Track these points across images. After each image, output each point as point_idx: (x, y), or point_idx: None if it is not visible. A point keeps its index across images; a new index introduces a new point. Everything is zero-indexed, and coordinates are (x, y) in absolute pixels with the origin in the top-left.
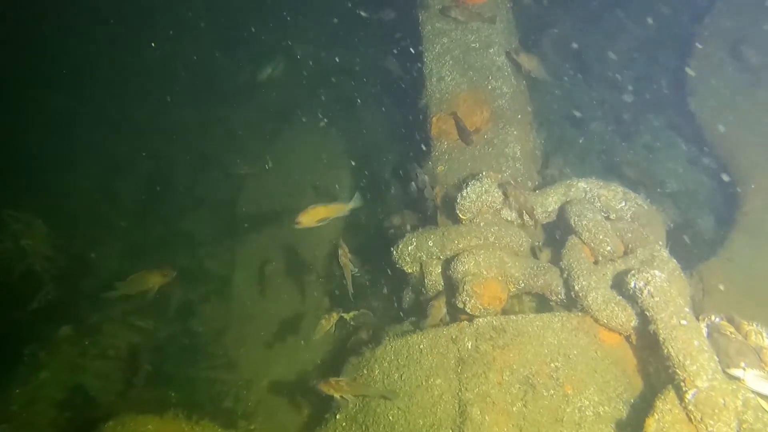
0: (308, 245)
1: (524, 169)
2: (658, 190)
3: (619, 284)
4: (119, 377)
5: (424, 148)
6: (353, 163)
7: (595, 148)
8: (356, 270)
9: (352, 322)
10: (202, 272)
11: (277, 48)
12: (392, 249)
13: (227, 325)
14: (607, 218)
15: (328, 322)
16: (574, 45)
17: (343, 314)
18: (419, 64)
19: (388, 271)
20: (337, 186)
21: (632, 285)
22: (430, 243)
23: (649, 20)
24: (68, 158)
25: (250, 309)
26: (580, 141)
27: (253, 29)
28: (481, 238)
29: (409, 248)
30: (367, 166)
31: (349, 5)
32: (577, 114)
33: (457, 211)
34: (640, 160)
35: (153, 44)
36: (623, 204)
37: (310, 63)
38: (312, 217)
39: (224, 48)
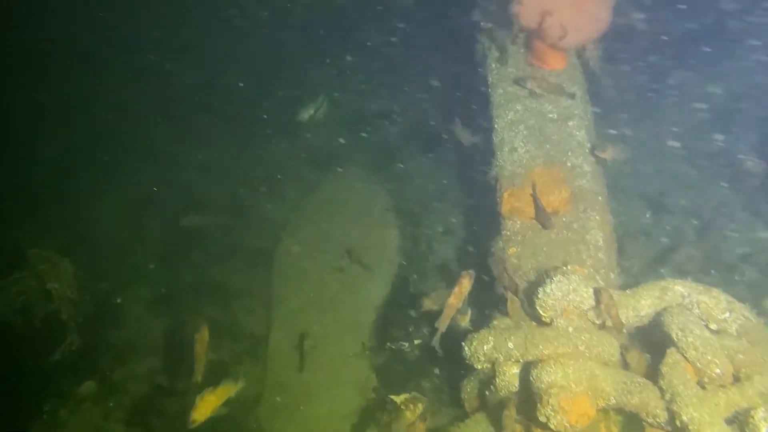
0: (352, 310)
1: (607, 259)
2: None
3: (735, 420)
4: None
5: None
6: (398, 222)
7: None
8: (406, 345)
9: (402, 407)
10: (236, 328)
11: (320, 89)
12: (464, 345)
13: (260, 393)
14: (709, 330)
15: (413, 414)
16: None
17: (391, 396)
18: (481, 122)
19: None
20: (378, 250)
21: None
22: (511, 345)
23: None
24: (96, 190)
25: (287, 377)
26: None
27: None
28: (570, 346)
29: (485, 347)
30: (413, 227)
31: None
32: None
33: (537, 308)
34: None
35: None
36: (727, 315)
37: (354, 107)
38: (205, 409)
39: (266, 84)
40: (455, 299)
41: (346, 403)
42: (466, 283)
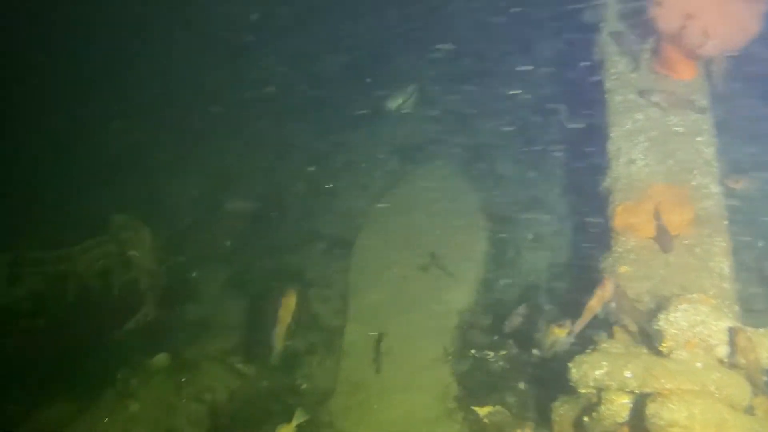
0: (434, 311)
1: (731, 290)
2: None
3: None
4: (213, 427)
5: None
6: (486, 225)
7: None
8: (491, 354)
9: (485, 420)
10: (311, 318)
11: (411, 78)
12: (571, 366)
13: (334, 388)
14: None
15: None
16: None
17: (475, 408)
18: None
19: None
20: (464, 252)
21: None
22: (628, 374)
23: None
24: (179, 163)
25: (361, 375)
26: None
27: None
28: (698, 383)
29: (597, 372)
30: (503, 231)
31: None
32: None
33: (655, 337)
34: None
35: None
36: None
37: (445, 100)
38: None
39: (353, 70)
40: (597, 303)
41: (423, 409)
42: (609, 289)
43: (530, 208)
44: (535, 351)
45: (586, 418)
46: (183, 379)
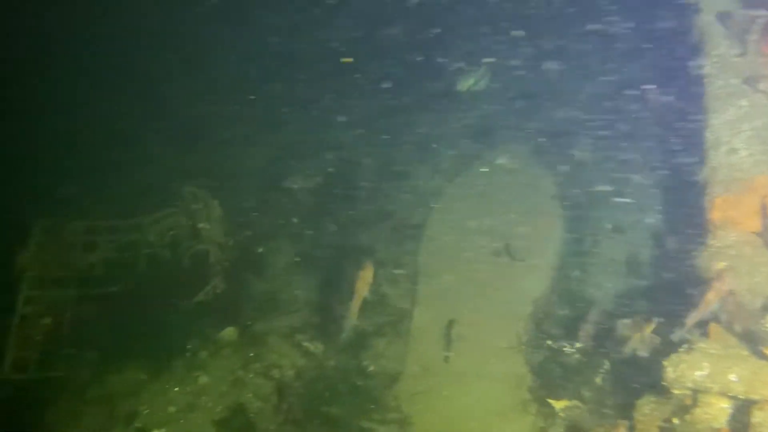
0: (507, 298)
1: None
2: None
3: None
4: (279, 404)
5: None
6: (562, 212)
7: None
8: (568, 346)
9: (561, 414)
10: (379, 298)
11: (482, 57)
12: (666, 365)
13: (402, 371)
14: None
15: None
16: None
17: (550, 401)
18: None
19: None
20: (539, 239)
21: None
22: (733, 377)
23: None
24: (245, 134)
25: (430, 359)
26: None
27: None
28: None
29: (696, 374)
30: (580, 220)
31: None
32: None
33: (763, 340)
34: None
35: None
36: None
37: (520, 82)
38: None
39: (424, 49)
40: (714, 296)
41: (495, 398)
42: (727, 282)
43: (610, 196)
44: (614, 347)
45: (675, 420)
46: (251, 354)
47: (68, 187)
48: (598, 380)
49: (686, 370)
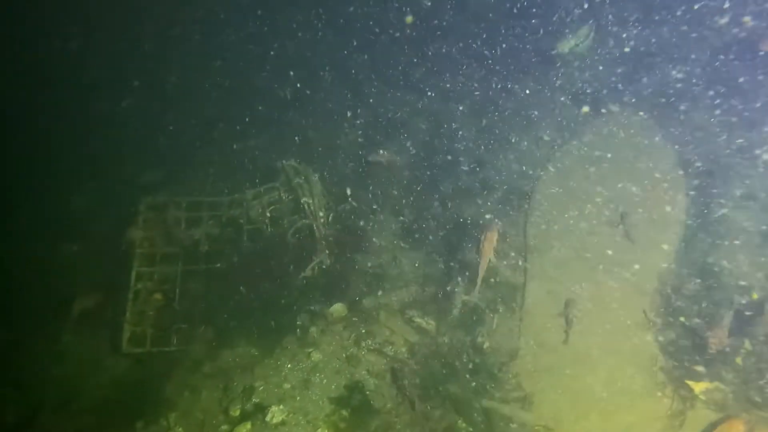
0: (628, 272)
1: None
2: None
3: None
4: (394, 381)
5: None
6: (683, 180)
7: None
8: (701, 322)
9: (702, 397)
10: (490, 273)
11: (585, 18)
12: None
13: (518, 348)
14: None
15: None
16: None
17: (689, 383)
18: None
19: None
20: (660, 210)
21: None
22: None
23: None
24: (340, 107)
25: (547, 336)
26: None
27: None
28: None
29: None
30: (705, 187)
31: None
32: None
33: None
34: None
35: None
36: None
37: (628, 41)
38: None
39: (520, 9)
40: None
41: (626, 378)
42: None
43: (736, 162)
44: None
45: None
46: (363, 331)
47: (171, 166)
48: (738, 361)
49: None
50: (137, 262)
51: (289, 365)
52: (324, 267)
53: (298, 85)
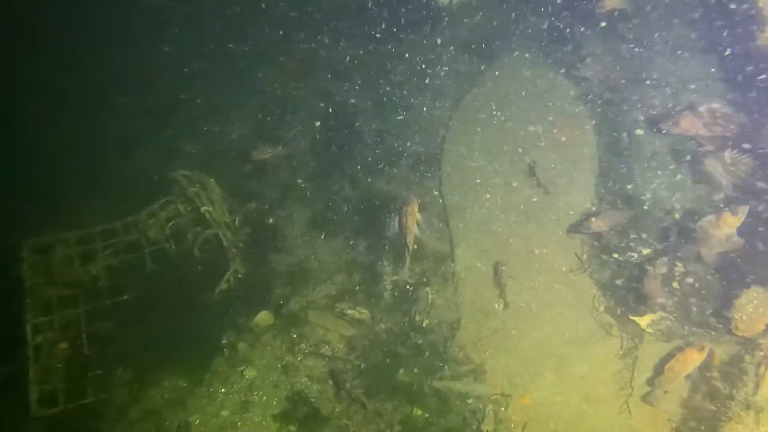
0: (553, 217)
1: None
2: None
3: None
4: (338, 382)
5: None
6: (591, 121)
7: None
8: (635, 255)
9: (648, 330)
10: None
11: None
12: None
13: (459, 319)
14: None
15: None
16: None
17: (634, 318)
18: None
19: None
20: (573, 147)
21: None
22: None
23: None
24: (223, 100)
25: (486, 300)
26: None
27: None
28: None
29: None
30: (610, 122)
31: None
32: None
33: None
34: None
35: None
36: None
37: None
38: None
39: None
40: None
41: (572, 327)
42: None
43: (640, 84)
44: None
45: None
46: (294, 335)
47: (49, 200)
48: (675, 285)
49: None
50: (30, 314)
51: (222, 390)
52: (240, 276)
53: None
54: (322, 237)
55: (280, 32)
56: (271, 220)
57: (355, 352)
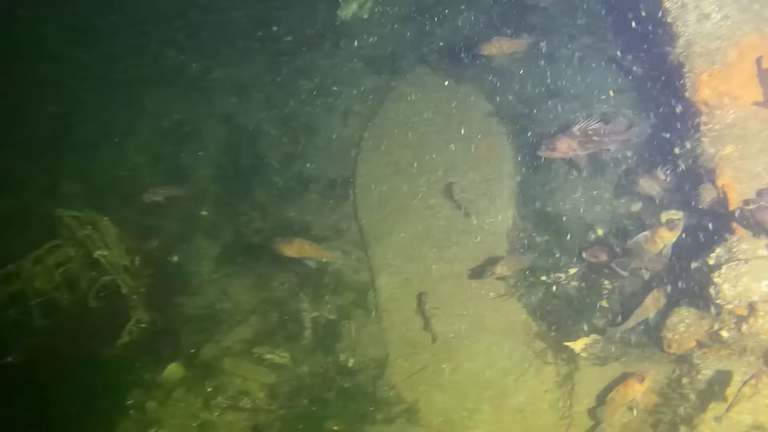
0: (476, 239)
1: None
2: None
3: None
4: None
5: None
6: (508, 138)
7: None
8: (563, 276)
9: (582, 354)
10: (333, 278)
11: None
12: (719, 281)
13: (387, 355)
14: None
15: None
16: None
17: (568, 344)
18: None
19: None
20: (490, 163)
21: None
22: None
23: None
24: (110, 128)
25: (414, 332)
26: None
27: None
28: None
29: (763, 285)
30: (524, 131)
31: None
32: None
33: None
34: None
35: None
36: None
37: None
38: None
39: None
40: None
41: (504, 357)
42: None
43: (553, 98)
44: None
45: (725, 333)
46: (209, 389)
47: None
48: (604, 303)
49: (750, 283)
50: None
51: None
52: (144, 325)
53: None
54: (233, 273)
55: (173, 51)
56: (175, 258)
57: (278, 401)
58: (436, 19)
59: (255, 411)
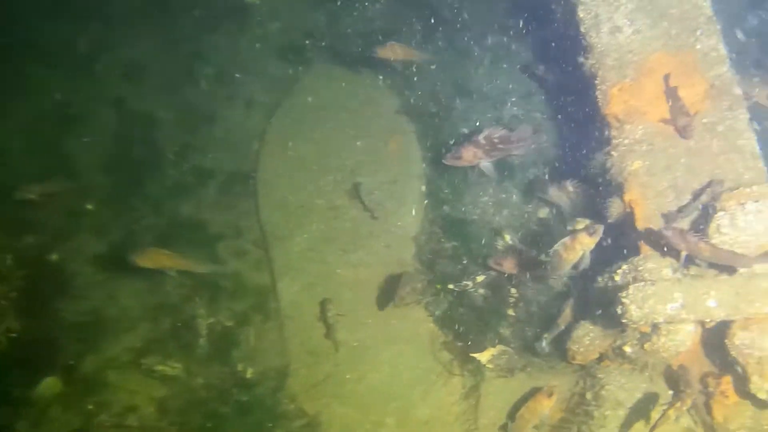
0: (383, 243)
1: None
2: None
3: None
4: None
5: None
6: (413, 126)
7: None
8: (470, 284)
9: (488, 365)
10: (232, 281)
11: None
12: (627, 302)
13: (287, 364)
14: None
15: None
16: None
17: (474, 355)
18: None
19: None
20: (398, 162)
21: None
22: (712, 303)
23: None
24: None
25: (317, 340)
26: None
27: None
28: None
29: (669, 307)
30: (434, 130)
31: None
32: None
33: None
34: None
35: None
36: None
37: None
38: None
39: None
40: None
41: (409, 368)
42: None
43: (463, 97)
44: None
45: (628, 348)
46: (89, 406)
47: None
48: (510, 311)
49: (656, 305)
50: None
51: None
52: (14, 335)
53: None
54: (122, 275)
55: (58, 25)
56: (54, 257)
57: (169, 416)
58: (347, 5)
59: (143, 429)
